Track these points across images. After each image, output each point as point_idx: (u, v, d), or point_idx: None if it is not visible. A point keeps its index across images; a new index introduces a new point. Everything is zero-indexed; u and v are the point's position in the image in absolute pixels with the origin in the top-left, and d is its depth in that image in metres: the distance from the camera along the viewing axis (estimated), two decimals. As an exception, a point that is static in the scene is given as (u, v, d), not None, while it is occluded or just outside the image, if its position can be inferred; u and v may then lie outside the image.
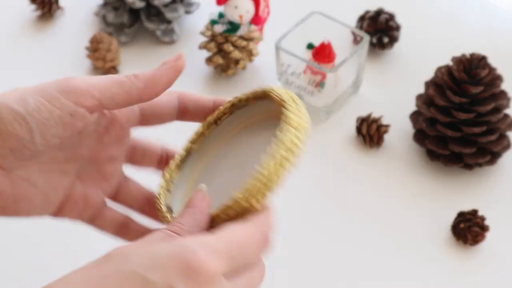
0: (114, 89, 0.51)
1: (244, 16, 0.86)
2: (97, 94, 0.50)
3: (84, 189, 0.56)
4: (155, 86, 0.53)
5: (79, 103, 0.50)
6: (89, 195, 0.57)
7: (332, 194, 0.80)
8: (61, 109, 0.49)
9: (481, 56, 0.79)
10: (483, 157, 0.79)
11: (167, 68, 0.54)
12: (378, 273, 0.73)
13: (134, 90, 0.52)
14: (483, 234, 0.74)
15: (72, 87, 0.50)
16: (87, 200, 0.57)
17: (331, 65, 0.86)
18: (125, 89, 0.51)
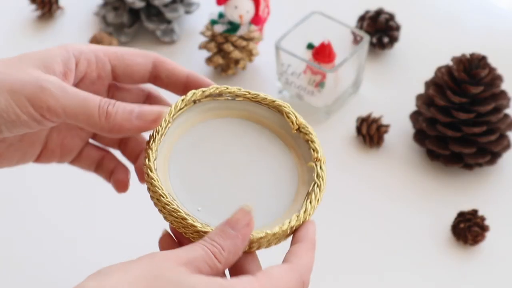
0: (81, 117, 0.52)
1: (244, 16, 0.86)
2: (62, 115, 0.52)
3: (60, 138, 0.60)
4: (119, 133, 0.53)
5: (44, 117, 0.52)
6: (66, 143, 0.60)
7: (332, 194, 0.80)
8: (28, 116, 0.51)
9: (481, 56, 0.80)
10: (483, 157, 0.79)
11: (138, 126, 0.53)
12: (378, 272, 0.73)
13: (98, 128, 0.52)
14: (483, 234, 0.74)
15: (42, 101, 0.51)
16: (64, 147, 0.60)
17: (331, 65, 0.86)
18: (90, 123, 0.52)
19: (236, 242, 0.49)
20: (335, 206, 0.79)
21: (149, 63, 0.58)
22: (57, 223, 0.77)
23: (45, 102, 0.51)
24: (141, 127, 0.53)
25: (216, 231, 0.49)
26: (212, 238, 0.49)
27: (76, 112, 0.51)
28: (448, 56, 0.81)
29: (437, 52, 0.91)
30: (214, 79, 0.92)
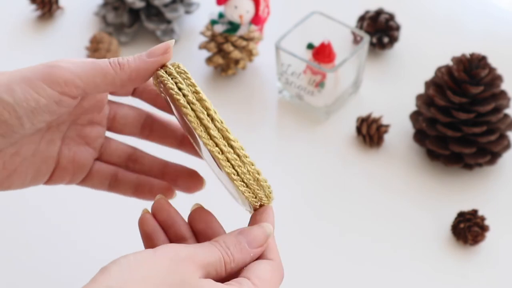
0: (98, 79, 0.52)
1: (244, 16, 0.87)
2: (81, 84, 0.52)
3: (71, 153, 0.59)
4: (138, 77, 0.54)
5: (64, 92, 0.52)
6: (77, 158, 0.60)
7: (332, 194, 0.80)
8: (47, 99, 0.51)
9: (481, 56, 0.80)
10: (483, 157, 0.79)
11: (153, 62, 0.54)
12: (377, 272, 0.74)
13: (118, 81, 0.53)
14: (483, 234, 0.74)
15: (57, 77, 0.51)
16: (75, 163, 0.59)
17: (331, 65, 0.86)
18: (109, 79, 0.53)
19: (246, 259, 0.51)
20: (334, 206, 0.79)
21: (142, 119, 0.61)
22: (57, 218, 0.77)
23: (61, 77, 0.52)
24: (156, 61, 0.53)
25: (233, 241, 0.51)
26: (228, 247, 0.51)
27: (93, 75, 0.52)
28: (448, 56, 0.81)
29: (437, 52, 0.91)
30: (214, 79, 0.92)
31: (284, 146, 0.86)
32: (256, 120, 0.88)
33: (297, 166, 0.83)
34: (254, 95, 0.91)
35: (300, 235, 0.76)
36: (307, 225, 0.77)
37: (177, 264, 0.48)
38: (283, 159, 0.84)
